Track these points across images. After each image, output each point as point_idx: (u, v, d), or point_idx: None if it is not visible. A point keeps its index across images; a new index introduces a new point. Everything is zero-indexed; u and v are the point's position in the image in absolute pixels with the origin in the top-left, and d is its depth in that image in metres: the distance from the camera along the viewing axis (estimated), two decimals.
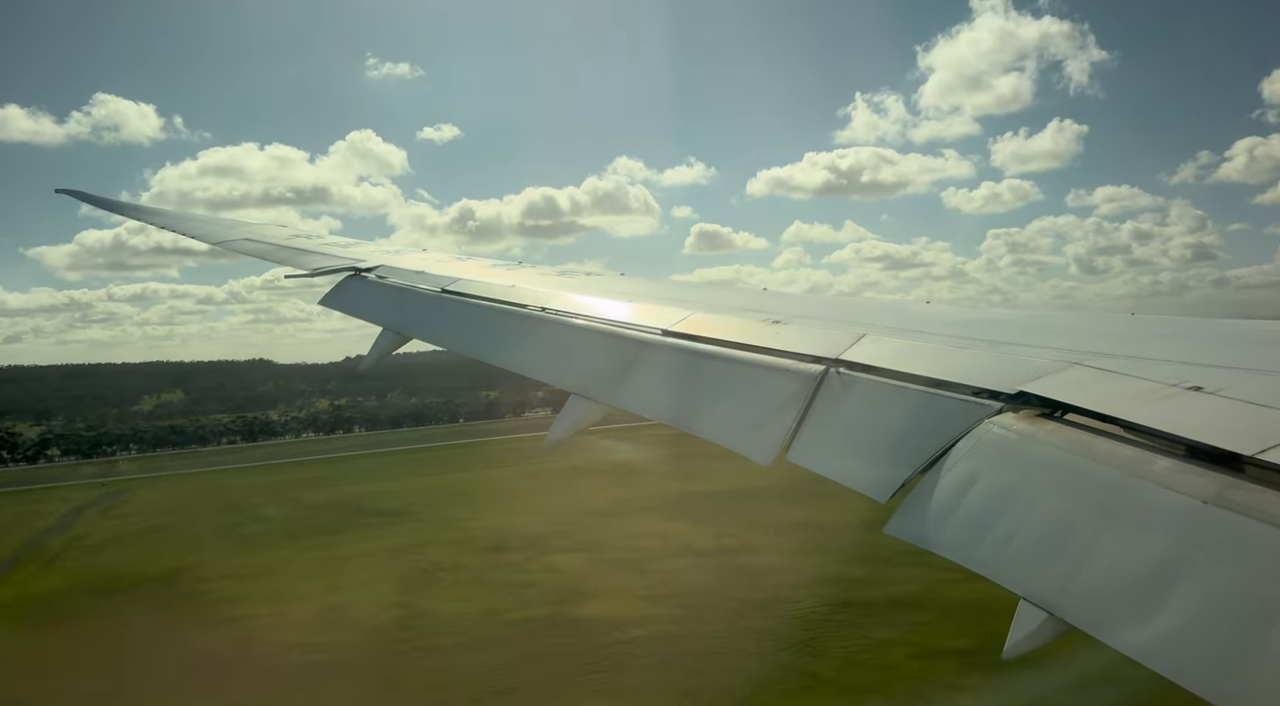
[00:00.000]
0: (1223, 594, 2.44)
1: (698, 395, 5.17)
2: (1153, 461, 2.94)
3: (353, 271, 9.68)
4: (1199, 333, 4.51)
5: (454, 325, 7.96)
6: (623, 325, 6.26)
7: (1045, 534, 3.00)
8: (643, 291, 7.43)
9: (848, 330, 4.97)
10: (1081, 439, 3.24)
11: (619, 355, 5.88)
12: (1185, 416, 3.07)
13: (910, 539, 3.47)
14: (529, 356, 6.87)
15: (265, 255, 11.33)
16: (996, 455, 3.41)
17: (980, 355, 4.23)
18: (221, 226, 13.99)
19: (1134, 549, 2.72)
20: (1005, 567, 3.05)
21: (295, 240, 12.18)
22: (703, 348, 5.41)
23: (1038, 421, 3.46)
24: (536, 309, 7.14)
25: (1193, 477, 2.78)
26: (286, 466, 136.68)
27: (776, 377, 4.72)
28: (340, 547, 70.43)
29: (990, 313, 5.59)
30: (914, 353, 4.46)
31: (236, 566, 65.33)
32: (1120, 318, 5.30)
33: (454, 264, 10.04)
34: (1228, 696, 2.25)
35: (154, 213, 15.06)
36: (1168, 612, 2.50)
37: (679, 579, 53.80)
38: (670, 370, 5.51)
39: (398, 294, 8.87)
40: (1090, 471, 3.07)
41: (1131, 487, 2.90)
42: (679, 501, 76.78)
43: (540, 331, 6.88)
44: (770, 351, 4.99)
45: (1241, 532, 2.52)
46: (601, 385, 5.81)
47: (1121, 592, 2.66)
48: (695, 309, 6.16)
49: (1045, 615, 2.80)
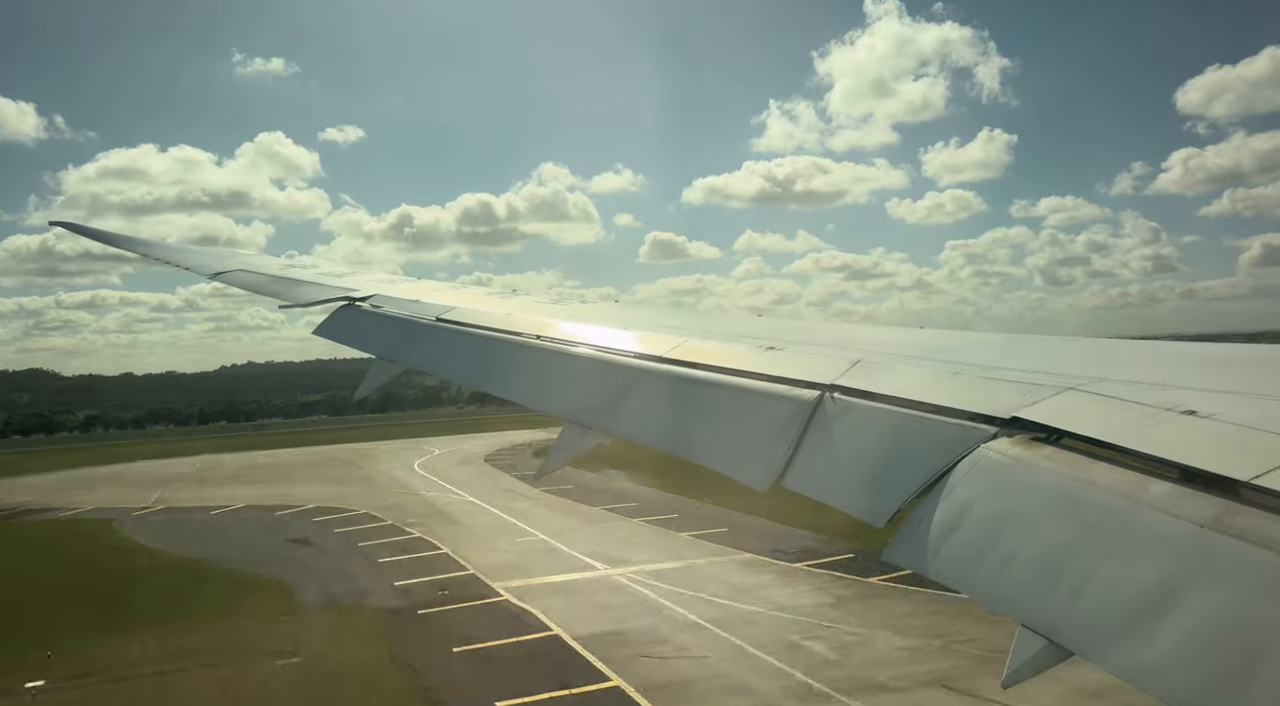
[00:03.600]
0: (1221, 618, 2.44)
1: (693, 421, 5.18)
2: (1149, 486, 2.94)
3: (347, 301, 9.70)
4: (1192, 357, 4.54)
5: (448, 353, 7.97)
6: (617, 352, 6.27)
7: (1042, 559, 3.00)
8: (637, 318, 7.46)
9: (843, 356, 4.99)
10: (1077, 464, 3.25)
11: (614, 382, 5.89)
12: (1180, 441, 3.08)
13: (908, 565, 3.47)
14: (524, 384, 6.88)
15: (260, 288, 11.35)
16: (992, 480, 3.42)
17: (974, 380, 4.24)
18: (214, 258, 14.01)
19: (1131, 574, 2.72)
20: (1003, 594, 3.04)
21: (289, 270, 12.21)
22: (698, 374, 5.43)
23: (1033, 446, 3.47)
24: (532, 337, 7.15)
25: (1189, 502, 2.78)
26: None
27: (772, 403, 4.73)
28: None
29: (983, 337, 5.61)
30: (909, 378, 4.47)
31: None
32: (1114, 342, 5.33)
33: (448, 292, 10.07)
34: None
35: (149, 245, 15.08)
36: (1166, 637, 2.50)
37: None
38: (665, 397, 5.52)
39: (392, 323, 8.88)
40: (1087, 496, 3.07)
41: (1128, 512, 2.90)
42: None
43: (535, 359, 6.89)
44: (765, 377, 5.00)
45: (1239, 557, 2.52)
46: (596, 413, 5.82)
47: (1120, 618, 2.65)
48: (689, 335, 6.18)
49: (1044, 642, 2.79)
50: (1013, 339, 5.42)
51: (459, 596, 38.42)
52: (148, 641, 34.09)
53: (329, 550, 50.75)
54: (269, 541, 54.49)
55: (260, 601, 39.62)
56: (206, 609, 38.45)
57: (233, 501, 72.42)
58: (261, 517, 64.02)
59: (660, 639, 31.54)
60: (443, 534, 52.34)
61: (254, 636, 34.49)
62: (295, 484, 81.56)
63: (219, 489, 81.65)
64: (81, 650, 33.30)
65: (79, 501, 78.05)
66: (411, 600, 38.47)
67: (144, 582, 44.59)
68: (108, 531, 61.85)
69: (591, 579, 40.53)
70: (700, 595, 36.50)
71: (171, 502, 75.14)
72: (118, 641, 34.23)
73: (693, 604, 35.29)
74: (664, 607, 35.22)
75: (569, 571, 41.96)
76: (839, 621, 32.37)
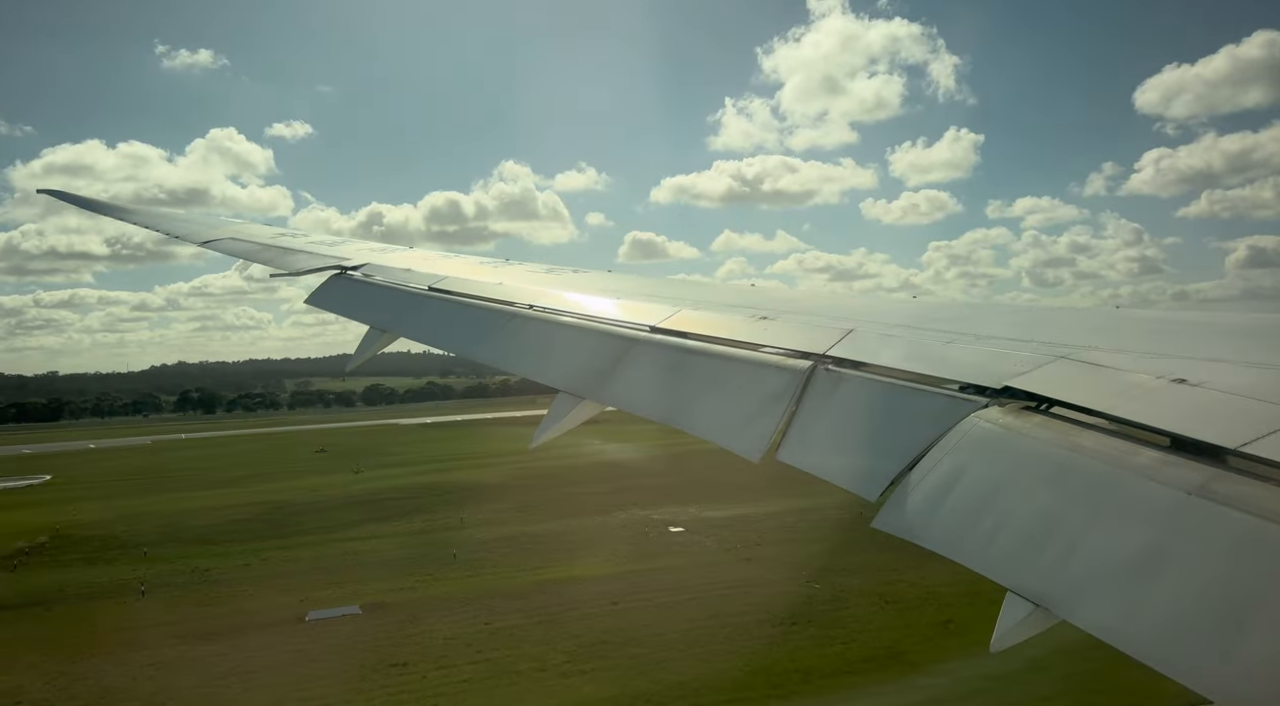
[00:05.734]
0: (1207, 584, 2.47)
1: (687, 392, 5.16)
2: (1138, 454, 2.96)
3: (339, 270, 9.63)
4: (1182, 325, 4.55)
5: (441, 323, 7.93)
6: (611, 322, 6.25)
7: (1031, 527, 3.03)
8: (630, 288, 7.42)
9: (835, 326, 4.98)
10: (1067, 432, 3.27)
11: (607, 352, 5.87)
12: (1169, 409, 3.11)
13: (898, 533, 3.49)
14: (517, 354, 6.85)
15: (250, 255, 11.26)
16: (983, 449, 3.44)
17: (966, 349, 4.25)
18: (204, 226, 13.90)
19: (1119, 541, 2.75)
20: (992, 560, 3.07)
21: (280, 239, 12.12)
22: (691, 344, 5.42)
23: (1024, 415, 3.48)
24: (524, 306, 7.13)
25: (1177, 470, 2.81)
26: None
27: (765, 373, 4.72)
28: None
29: (975, 306, 5.62)
30: (901, 348, 4.48)
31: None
32: (1105, 311, 5.34)
33: (441, 261, 10.00)
34: (1213, 685, 2.28)
35: (136, 213, 14.94)
36: (1153, 603, 2.53)
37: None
38: (659, 367, 5.50)
39: (384, 292, 8.83)
40: (1076, 464, 3.09)
41: (1117, 480, 2.93)
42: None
43: (528, 329, 6.87)
44: (759, 347, 5.00)
45: (1225, 524, 2.55)
46: (590, 383, 5.79)
47: (1107, 584, 2.68)
48: (683, 305, 6.16)
49: (1032, 607, 2.83)
50: (1004, 308, 5.43)
51: None
52: None
53: None
54: None
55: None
56: None
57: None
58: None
59: None
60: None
61: None
62: None
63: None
64: None
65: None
66: None
67: None
68: None
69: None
70: None
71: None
72: None
73: None
74: None
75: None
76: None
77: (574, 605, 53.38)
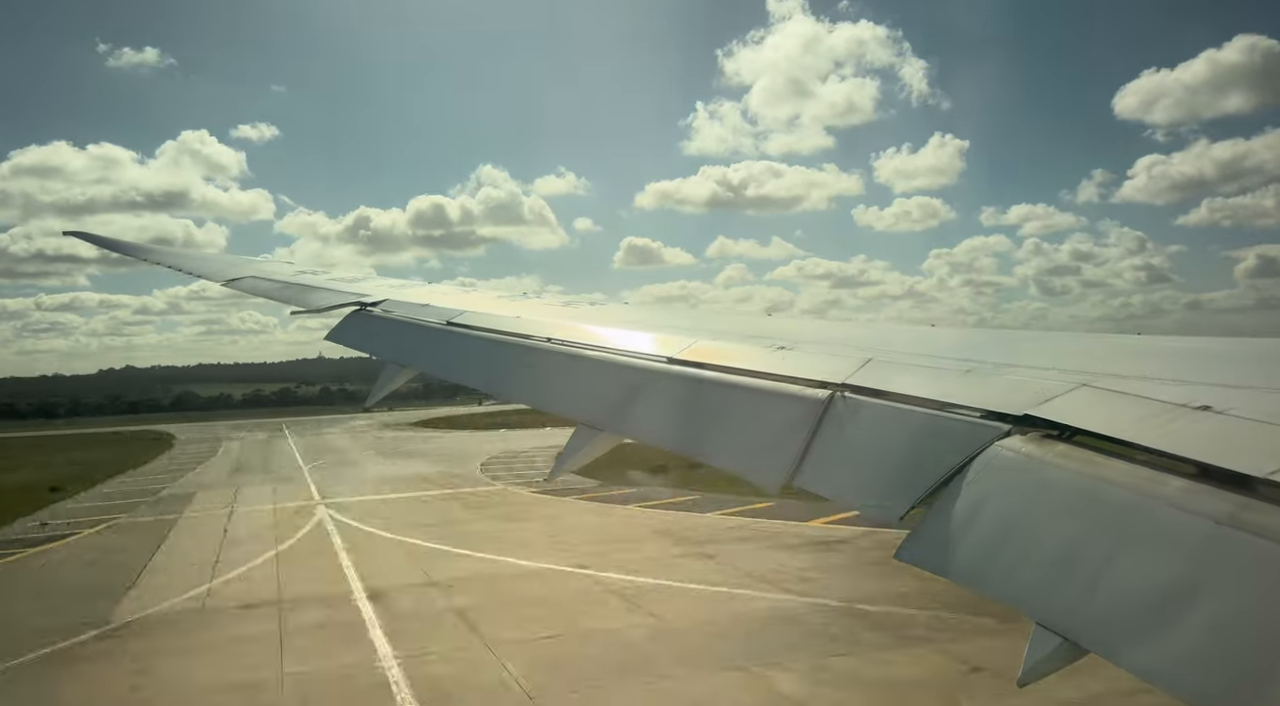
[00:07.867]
0: (1238, 615, 2.41)
1: (704, 422, 5.16)
2: (1164, 483, 2.91)
3: (358, 306, 9.73)
4: (1205, 351, 4.49)
5: (458, 357, 7.97)
6: (628, 354, 6.26)
7: (1057, 557, 2.97)
8: (646, 319, 7.44)
9: (853, 354, 4.96)
10: (1091, 461, 3.22)
11: (625, 384, 5.87)
12: (1195, 437, 3.05)
13: (921, 564, 3.44)
14: (534, 387, 6.87)
15: (272, 294, 11.40)
16: (1006, 478, 3.39)
17: (987, 378, 4.22)
18: (226, 264, 14.08)
19: (1147, 571, 2.69)
20: (1019, 592, 3.02)
21: (300, 276, 12.26)
22: (708, 375, 5.41)
23: (1046, 444, 3.44)
24: (542, 339, 7.15)
25: (1205, 499, 2.75)
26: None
27: (783, 403, 4.70)
28: None
29: (994, 333, 5.58)
30: (920, 376, 4.45)
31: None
32: (1126, 338, 5.28)
33: (459, 296, 10.09)
34: None
35: (159, 253, 15.16)
36: (1182, 635, 2.47)
37: None
38: (676, 398, 5.50)
39: (402, 328, 8.90)
40: (1102, 493, 3.04)
41: (1144, 509, 2.87)
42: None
43: (546, 362, 6.88)
44: (776, 377, 4.98)
45: (1256, 553, 2.50)
46: (608, 415, 5.80)
47: (1136, 615, 2.62)
48: (699, 336, 6.16)
49: (1060, 640, 2.77)
50: (1024, 336, 5.39)
51: None
52: None
53: None
54: None
55: None
56: None
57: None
58: None
59: None
60: None
61: None
62: None
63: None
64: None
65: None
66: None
67: None
68: None
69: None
70: None
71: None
72: None
73: None
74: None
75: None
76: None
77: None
